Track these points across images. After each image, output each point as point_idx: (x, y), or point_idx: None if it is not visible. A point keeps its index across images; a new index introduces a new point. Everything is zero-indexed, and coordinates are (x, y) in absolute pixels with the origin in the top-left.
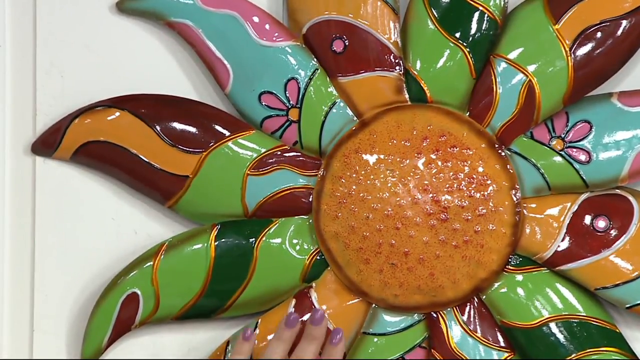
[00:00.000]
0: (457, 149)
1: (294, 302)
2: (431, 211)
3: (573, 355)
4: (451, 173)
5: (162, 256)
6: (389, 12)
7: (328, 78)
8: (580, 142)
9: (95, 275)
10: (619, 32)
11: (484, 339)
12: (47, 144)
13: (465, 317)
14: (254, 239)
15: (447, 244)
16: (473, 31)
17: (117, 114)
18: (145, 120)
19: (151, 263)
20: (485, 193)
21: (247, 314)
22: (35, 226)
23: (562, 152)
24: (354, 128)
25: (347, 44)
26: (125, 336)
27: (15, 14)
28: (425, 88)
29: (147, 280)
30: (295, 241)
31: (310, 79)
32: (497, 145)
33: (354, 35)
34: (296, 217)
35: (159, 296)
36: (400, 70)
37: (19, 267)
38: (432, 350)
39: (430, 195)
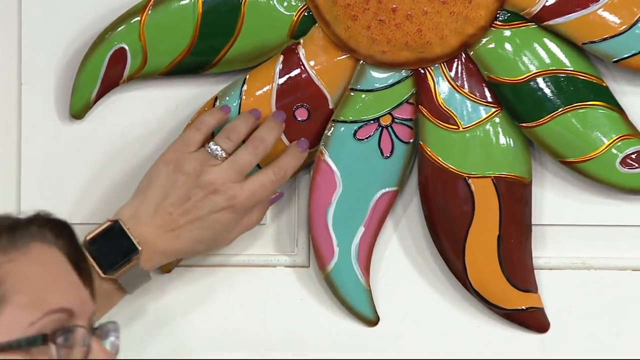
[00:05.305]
0: None
1: (281, 58)
2: None
3: (560, 110)
4: None
5: (150, 11)
6: None
7: None
8: None
9: (83, 30)
10: None
11: (471, 95)
12: None
13: (452, 73)
14: None
15: (435, 0)
16: None
17: None
18: None
19: (138, 18)
20: None
21: (235, 70)
22: None
23: None
24: None
25: None
26: (113, 91)
27: None
28: None
29: (134, 36)
30: None
31: None
32: None
33: None
34: None
35: (147, 51)
36: None
37: (5, 19)
38: (420, 106)
39: None
